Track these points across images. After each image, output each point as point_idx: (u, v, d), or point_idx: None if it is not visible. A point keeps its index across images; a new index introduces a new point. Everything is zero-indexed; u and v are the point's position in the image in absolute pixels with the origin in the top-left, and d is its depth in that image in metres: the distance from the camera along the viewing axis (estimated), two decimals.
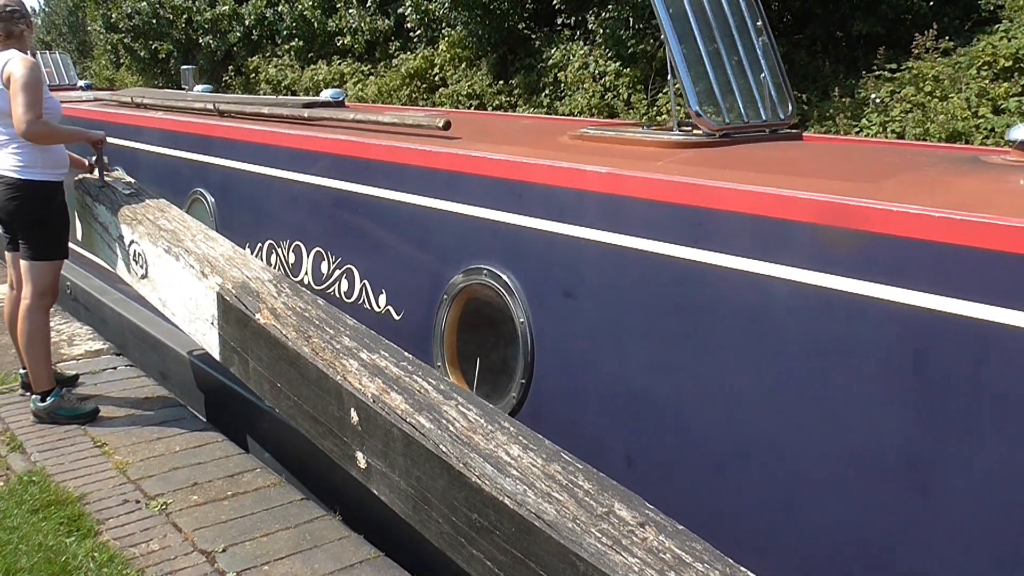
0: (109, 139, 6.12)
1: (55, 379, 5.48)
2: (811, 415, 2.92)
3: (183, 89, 9.86)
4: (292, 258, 5.13)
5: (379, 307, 4.54)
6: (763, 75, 4.13)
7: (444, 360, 4.18)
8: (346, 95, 6.99)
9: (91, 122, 7.44)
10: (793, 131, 4.38)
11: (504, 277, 3.86)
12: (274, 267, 5.17)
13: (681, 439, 3.30)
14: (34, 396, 5.35)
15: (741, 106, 3.97)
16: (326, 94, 6.75)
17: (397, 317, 4.43)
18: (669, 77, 3.82)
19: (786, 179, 3.06)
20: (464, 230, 4.11)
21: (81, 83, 11.95)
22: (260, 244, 5.42)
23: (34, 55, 5.65)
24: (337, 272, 4.81)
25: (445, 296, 4.14)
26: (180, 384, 6.08)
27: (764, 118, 4.07)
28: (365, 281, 4.63)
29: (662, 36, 3.76)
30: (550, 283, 3.71)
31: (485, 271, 3.94)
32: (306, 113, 5.52)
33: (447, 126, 4.43)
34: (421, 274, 4.34)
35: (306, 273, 5.01)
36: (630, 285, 3.41)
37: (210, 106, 6.40)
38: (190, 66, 10.51)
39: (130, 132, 7.12)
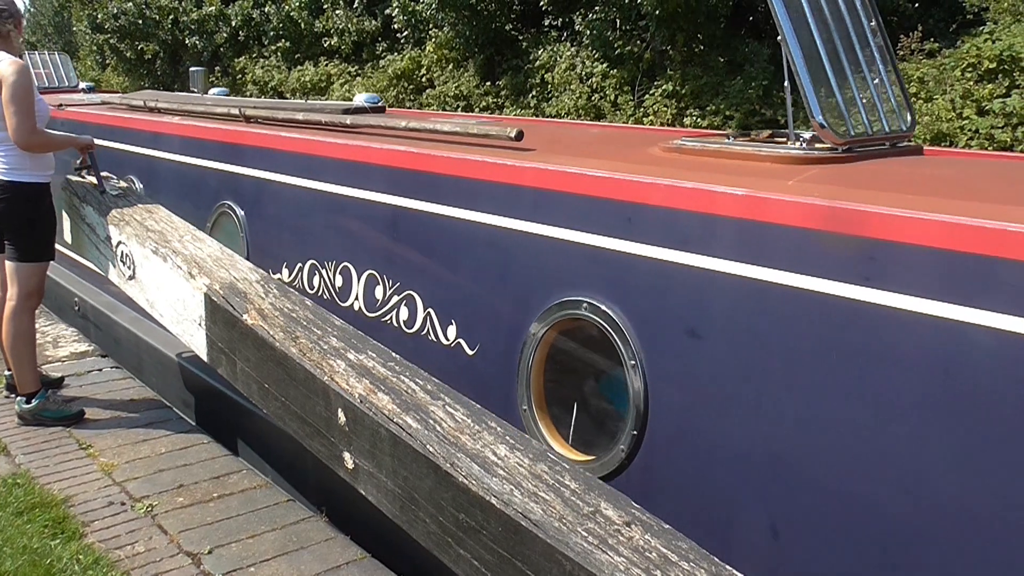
0: (122, 146, 6.28)
1: (40, 381, 5.45)
2: (1009, 482, 2.50)
3: (193, 92, 9.50)
4: (339, 281, 4.64)
5: (447, 340, 4.04)
6: (879, 81, 3.68)
7: (530, 403, 3.70)
8: (382, 100, 6.48)
9: (103, 128, 7.11)
10: (911, 144, 3.88)
11: (610, 312, 3.37)
12: (316, 290, 4.81)
13: (842, 506, 2.84)
14: (19, 398, 5.32)
15: (864, 116, 3.55)
16: (360, 99, 6.24)
17: (470, 352, 3.93)
18: (786, 83, 3.41)
19: (975, 206, 2.62)
20: (557, 256, 3.60)
21: (83, 85, 11.46)
22: (299, 264, 4.93)
23: (21, 55, 5.51)
24: (395, 299, 4.32)
25: (533, 331, 3.64)
26: (204, 415, 5.64)
27: (887, 129, 3.64)
28: (430, 310, 4.13)
29: (779, 37, 3.35)
30: (669, 320, 3.24)
31: (585, 304, 3.45)
32: (348, 120, 5.05)
33: (519, 136, 3.97)
34: (502, 304, 3.86)
35: (356, 298, 4.53)
36: (774, 325, 2.96)
37: (235, 111, 5.96)
38: (199, 68, 10.03)
39: (147, 139, 6.65)
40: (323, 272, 4.76)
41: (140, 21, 25.88)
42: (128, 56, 27.09)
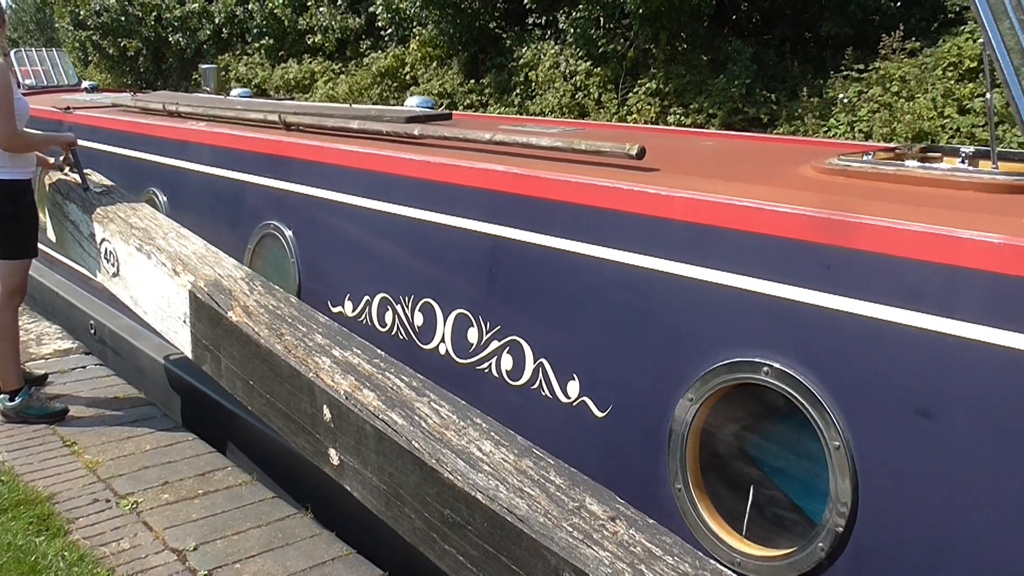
0: (142, 155, 5.86)
1: (24, 378, 5.44)
2: None
3: (205, 91, 8.87)
4: (420, 320, 3.99)
5: (567, 397, 3.41)
6: None
7: (686, 481, 3.06)
8: (433, 104, 5.88)
9: (119, 134, 6.56)
10: None
11: (802, 380, 2.77)
12: (390, 328, 4.16)
13: None
14: (3, 395, 5.30)
15: None
16: (412, 102, 5.71)
17: (600, 413, 3.30)
18: (988, 96, 3.06)
19: None
20: (724, 307, 2.98)
21: (86, 84, 10.64)
22: (367, 297, 4.28)
23: (6, 54, 5.51)
24: (494, 344, 3.66)
25: (692, 394, 3.02)
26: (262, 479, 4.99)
27: None
28: (543, 361, 3.50)
29: (981, 40, 2.89)
30: (887, 395, 2.65)
31: (766, 368, 2.83)
32: (416, 130, 4.38)
33: (642, 154, 3.40)
34: (645, 359, 3.23)
35: (443, 341, 3.89)
36: None
37: (272, 117, 5.32)
38: (211, 65, 9.44)
39: (171, 148, 5.95)
40: (398, 308, 4.12)
41: (123, 18, 25.77)
42: (111, 53, 26.96)
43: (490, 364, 3.69)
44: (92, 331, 6.74)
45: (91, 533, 4.10)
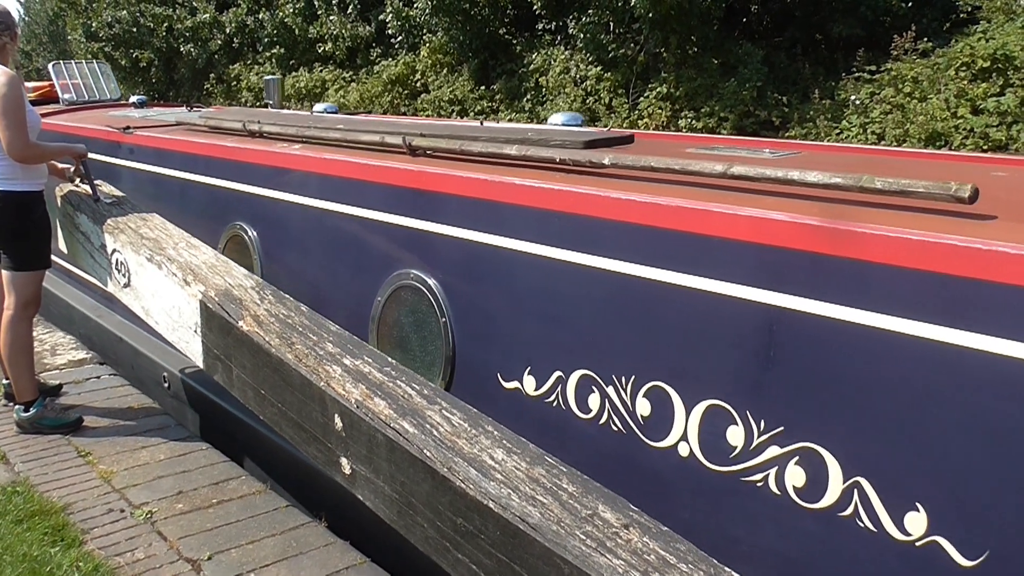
0: (223, 182, 5.34)
1: (38, 389, 5.46)
2: None
3: (267, 105, 8.22)
4: (646, 408, 3.16)
5: (905, 533, 2.53)
6: None
7: None
8: (583, 120, 5.02)
9: (198, 159, 5.79)
10: None
11: None
12: (595, 415, 3.33)
13: None
14: (17, 406, 5.33)
15: None
16: (558, 119, 4.85)
17: (966, 561, 2.42)
18: None
19: None
20: None
21: (134, 98, 9.66)
22: (558, 372, 3.45)
23: (18, 68, 5.52)
24: (773, 450, 2.80)
25: None
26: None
27: None
28: (859, 480, 2.63)
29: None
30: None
31: None
32: (607, 159, 3.50)
33: (975, 196, 2.56)
34: None
35: (684, 438, 3.04)
36: None
37: (394, 139, 4.45)
38: (274, 76, 8.67)
39: (263, 176, 5.13)
40: (610, 392, 3.27)
41: (134, 29, 25.88)
42: (123, 64, 27.07)
43: (766, 476, 2.83)
44: (166, 384, 6.04)
45: (106, 543, 4.11)
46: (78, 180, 5.69)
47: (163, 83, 27.14)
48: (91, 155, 5.73)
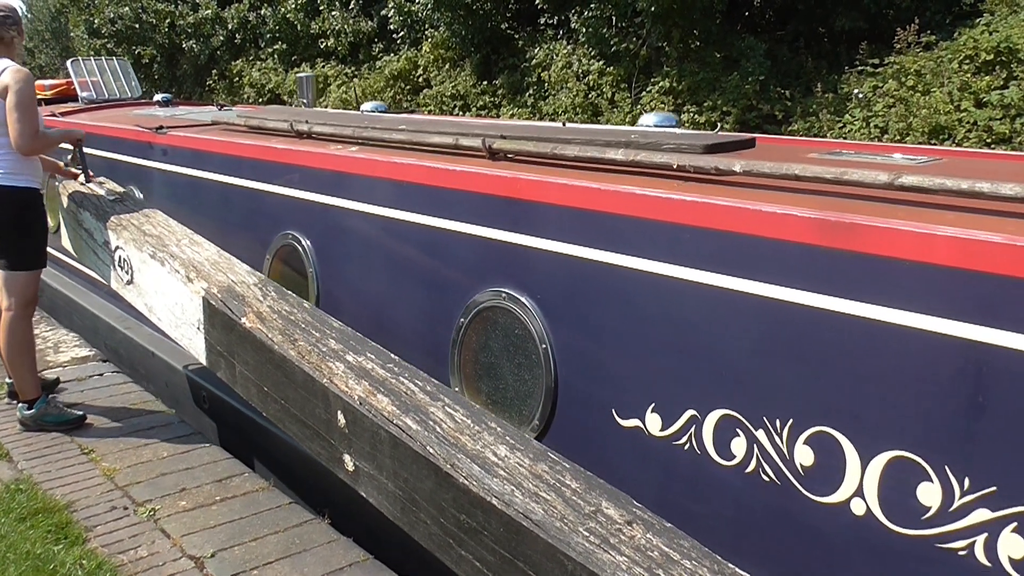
0: (272, 187, 5.01)
1: (40, 387, 5.46)
2: None
3: (301, 103, 7.69)
4: (807, 457, 2.76)
5: None
6: None
7: None
8: (677, 121, 4.50)
9: (239, 161, 5.38)
10: None
11: None
12: (741, 462, 2.92)
13: None
14: (21, 404, 5.33)
15: None
16: (650, 119, 4.40)
17: None
18: None
19: None
20: None
21: (159, 96, 9.04)
22: (692, 412, 3.03)
23: (25, 63, 5.59)
24: (982, 514, 2.40)
25: None
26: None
27: None
28: None
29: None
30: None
31: None
32: (738, 166, 3.10)
33: None
34: None
35: (859, 494, 2.65)
36: None
37: (470, 141, 4.07)
38: (307, 74, 7.73)
39: (320, 181, 4.72)
40: (760, 435, 2.88)
41: (137, 25, 25.85)
42: (125, 60, 27.10)
43: (972, 544, 2.43)
44: (205, 404, 5.67)
45: (109, 541, 4.10)
46: (72, 164, 5.73)
47: (165, 79, 27.11)
48: (120, 156, 5.69)
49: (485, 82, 18.06)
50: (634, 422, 3.22)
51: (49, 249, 5.50)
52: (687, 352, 3.08)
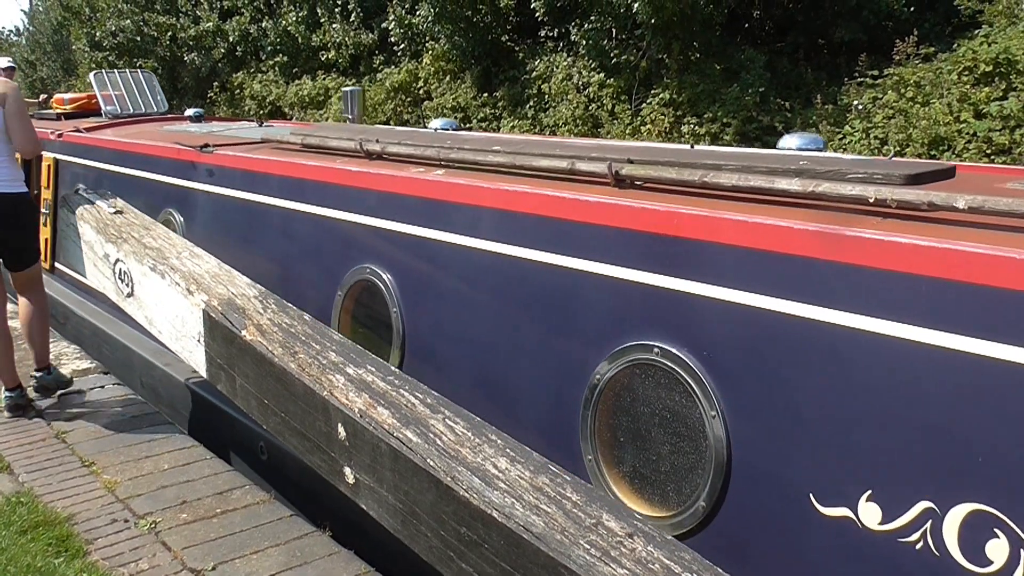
0: (346, 215, 4.53)
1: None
2: None
3: (347, 118, 7.01)
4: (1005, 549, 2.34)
5: None
6: None
7: None
8: (825, 143, 4.07)
9: (304, 185, 4.86)
10: None
11: None
12: (1000, 565, 2.38)
13: None
14: (39, 374, 5.92)
15: None
16: (792, 142, 3.86)
17: None
18: None
19: None
20: None
21: (190, 111, 8.64)
22: (928, 504, 2.50)
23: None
24: None
25: None
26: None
27: None
28: None
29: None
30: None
31: None
32: (961, 202, 2.59)
33: None
34: None
35: None
36: None
37: (591, 166, 3.55)
38: (354, 87, 7.50)
39: (407, 209, 4.20)
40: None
41: (138, 38, 25.92)
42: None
43: None
44: (263, 454, 5.11)
45: (110, 554, 4.10)
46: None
47: (167, 92, 27.18)
48: (158, 176, 5.72)
49: (486, 94, 18.10)
50: (842, 511, 2.68)
51: (74, 275, 5.92)
52: (921, 430, 2.52)
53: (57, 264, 7.23)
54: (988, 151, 10.68)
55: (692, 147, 4.49)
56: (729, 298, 2.92)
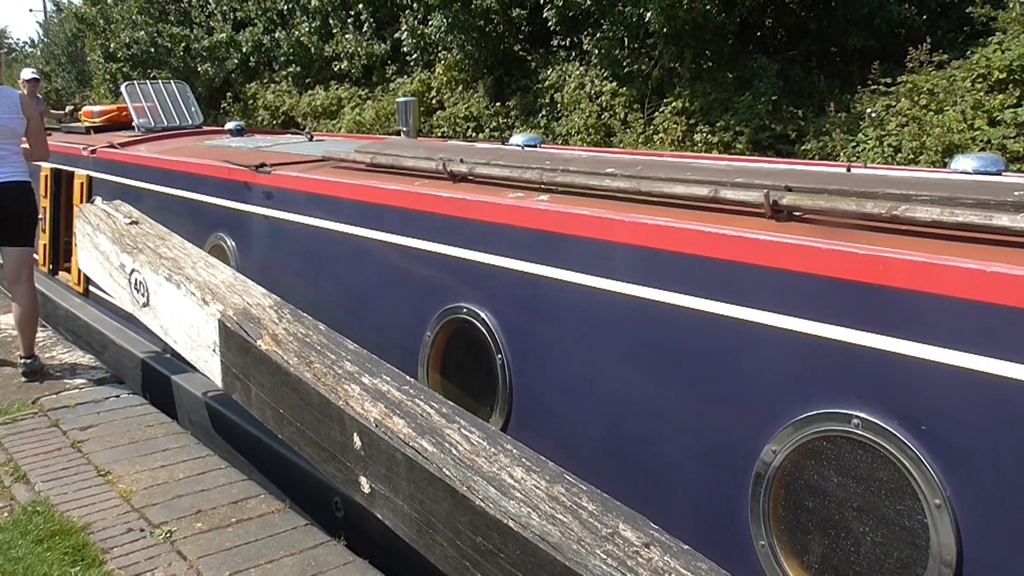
0: (438, 247, 4.05)
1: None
2: None
3: (403, 131, 6.26)
4: None
5: None
6: None
7: None
8: (1005, 165, 3.54)
9: (381, 211, 4.36)
10: None
11: None
12: None
13: None
14: (24, 360, 6.54)
15: None
16: (967, 164, 3.32)
17: None
18: None
19: None
20: None
21: (231, 125, 8.18)
22: None
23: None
24: None
25: None
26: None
27: None
28: None
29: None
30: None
31: None
32: None
33: None
34: None
35: None
36: None
37: (749, 196, 3.08)
38: (410, 98, 7.08)
39: (511, 241, 3.69)
40: None
41: (152, 49, 26.09)
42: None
43: None
44: (339, 511, 4.51)
45: (126, 563, 4.11)
46: None
47: None
48: (206, 198, 5.58)
49: (498, 104, 18.13)
50: None
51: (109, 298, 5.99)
52: None
53: (92, 289, 7.27)
54: (1003, 159, 10.63)
55: (848, 170, 3.64)
56: (955, 362, 2.42)
